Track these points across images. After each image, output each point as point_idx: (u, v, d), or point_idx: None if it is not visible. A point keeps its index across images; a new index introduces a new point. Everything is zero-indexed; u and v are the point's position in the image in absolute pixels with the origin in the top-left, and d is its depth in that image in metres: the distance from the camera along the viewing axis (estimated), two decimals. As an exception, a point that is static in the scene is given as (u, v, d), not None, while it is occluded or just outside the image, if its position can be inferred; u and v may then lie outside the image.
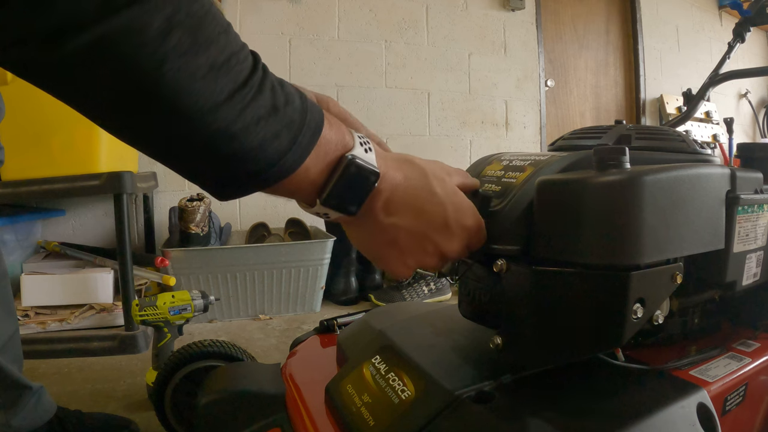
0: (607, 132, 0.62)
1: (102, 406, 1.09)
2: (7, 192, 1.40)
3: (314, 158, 0.38)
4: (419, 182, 0.44)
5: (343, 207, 0.41)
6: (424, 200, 0.44)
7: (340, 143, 0.40)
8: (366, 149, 0.41)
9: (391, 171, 0.43)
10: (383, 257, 0.47)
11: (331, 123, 0.40)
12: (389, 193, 0.43)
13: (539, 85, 2.74)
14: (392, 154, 0.45)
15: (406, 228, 0.44)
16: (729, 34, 1.26)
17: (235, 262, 1.68)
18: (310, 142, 0.37)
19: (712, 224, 0.53)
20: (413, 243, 0.45)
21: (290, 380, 0.69)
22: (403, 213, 0.44)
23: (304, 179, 0.38)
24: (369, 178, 0.41)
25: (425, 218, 0.45)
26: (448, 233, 0.46)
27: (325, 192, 0.40)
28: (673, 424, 0.46)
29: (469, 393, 0.49)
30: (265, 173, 0.36)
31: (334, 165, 0.39)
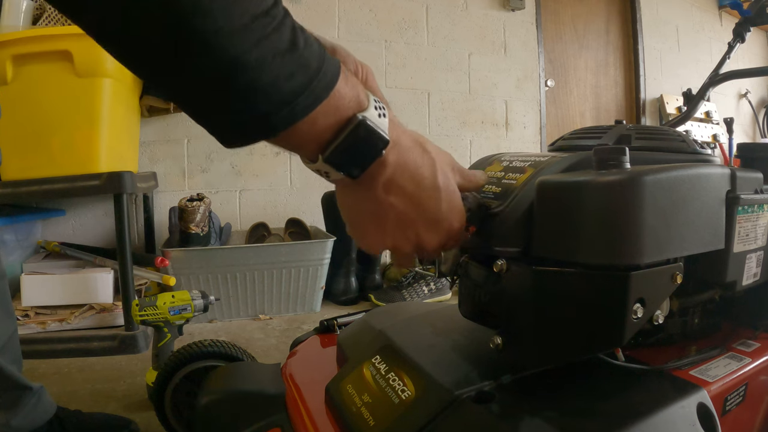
0: (607, 132, 0.62)
1: (102, 406, 1.09)
2: (7, 192, 1.40)
3: (325, 110, 0.36)
4: (426, 171, 0.44)
5: (345, 168, 0.40)
6: (424, 191, 0.44)
7: (354, 101, 0.38)
8: (380, 114, 0.39)
9: (402, 145, 0.42)
10: (363, 229, 0.46)
11: (347, 78, 0.38)
12: (393, 170, 0.42)
13: (539, 85, 2.74)
14: (407, 131, 0.44)
15: (398, 210, 0.43)
16: (729, 34, 1.26)
17: (235, 262, 1.68)
18: (324, 90, 0.36)
19: (713, 224, 0.53)
20: (398, 226, 0.44)
21: (290, 380, 0.69)
22: (401, 195, 0.43)
23: (311, 131, 0.37)
24: (377, 144, 0.39)
25: (419, 208, 0.44)
26: (434, 229, 0.46)
27: (330, 149, 0.38)
28: (674, 424, 0.46)
29: (469, 393, 0.49)
30: (274, 115, 0.34)
31: (344, 122, 0.38)
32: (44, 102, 1.41)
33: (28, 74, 1.39)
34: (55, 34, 1.39)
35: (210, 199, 1.76)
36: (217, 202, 2.08)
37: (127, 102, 1.63)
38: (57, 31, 1.40)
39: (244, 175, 2.15)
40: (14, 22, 1.49)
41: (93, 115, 1.42)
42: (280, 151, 2.18)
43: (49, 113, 1.41)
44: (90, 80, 1.41)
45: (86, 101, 1.41)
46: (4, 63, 1.37)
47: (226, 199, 2.12)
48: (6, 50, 1.37)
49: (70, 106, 1.41)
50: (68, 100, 1.40)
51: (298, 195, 2.23)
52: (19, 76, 1.39)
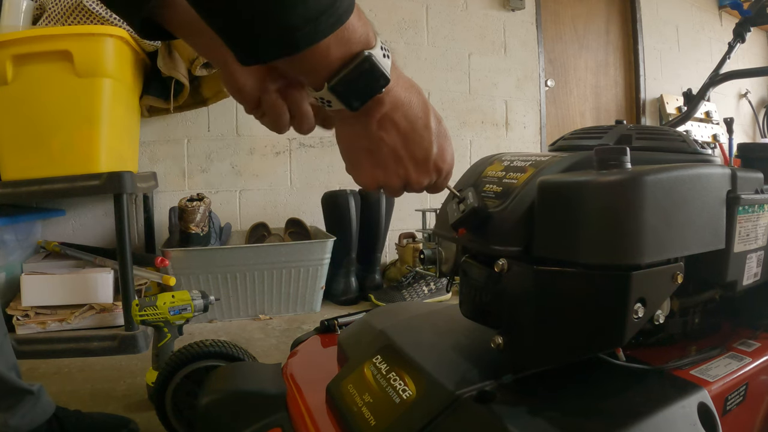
0: (607, 132, 0.62)
1: (102, 406, 1.09)
2: (7, 192, 1.40)
3: (337, 41, 0.38)
4: (420, 112, 0.46)
5: (346, 99, 0.42)
6: (417, 130, 0.46)
7: (364, 37, 0.40)
8: (384, 54, 0.42)
9: (400, 87, 0.45)
10: (357, 162, 0.49)
11: (360, 15, 0.40)
12: (389, 108, 0.45)
13: (539, 85, 2.74)
14: (404, 75, 0.46)
15: (390, 146, 0.46)
16: (729, 34, 1.26)
17: (235, 262, 1.67)
18: (344, 14, 0.38)
19: (713, 224, 0.53)
20: (389, 161, 0.47)
21: (291, 380, 0.69)
22: (394, 132, 0.46)
23: (323, 57, 0.39)
24: (379, 81, 0.42)
25: (410, 146, 0.47)
26: (423, 167, 0.48)
27: (336, 79, 0.40)
28: (674, 423, 0.46)
29: (470, 393, 0.49)
30: (299, 31, 0.36)
31: (353, 55, 0.40)
32: (44, 102, 1.40)
33: (28, 74, 1.39)
34: (55, 34, 1.39)
35: (210, 199, 1.76)
36: (217, 202, 2.08)
37: (127, 102, 1.63)
38: (57, 31, 1.40)
39: (244, 175, 2.15)
40: (14, 22, 1.49)
41: (93, 115, 1.42)
42: (280, 150, 2.18)
43: (49, 113, 1.41)
44: (90, 80, 1.41)
45: (86, 101, 1.41)
46: (4, 63, 1.36)
47: (226, 199, 2.12)
48: (6, 50, 1.37)
49: (70, 106, 1.41)
50: (68, 100, 1.40)
51: (298, 195, 2.23)
52: (19, 76, 1.39)
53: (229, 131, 2.11)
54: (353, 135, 0.47)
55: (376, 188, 0.49)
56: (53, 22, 1.50)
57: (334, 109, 0.43)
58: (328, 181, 2.25)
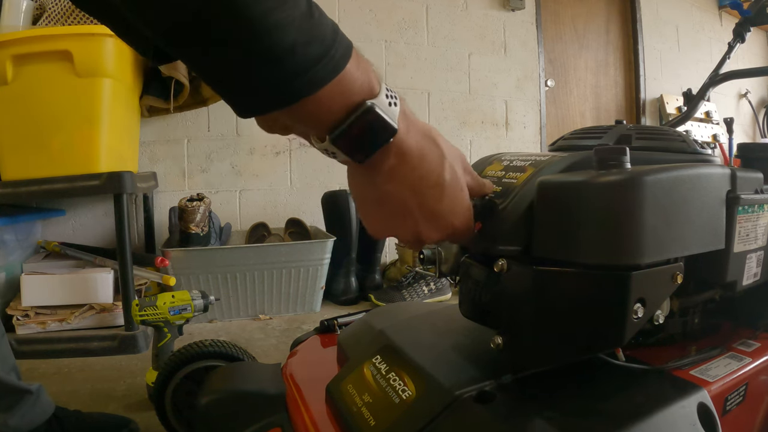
0: (607, 132, 0.62)
1: (102, 406, 1.09)
2: (7, 192, 1.40)
3: (334, 92, 0.37)
4: (432, 165, 0.43)
5: (350, 152, 0.40)
6: (427, 185, 0.44)
7: (366, 85, 0.39)
8: (391, 103, 0.40)
9: (411, 137, 0.42)
10: (366, 211, 0.46)
11: (359, 61, 0.39)
12: (397, 161, 0.42)
13: (539, 85, 2.74)
14: (420, 124, 0.44)
15: (398, 200, 0.44)
16: (729, 34, 1.26)
17: (235, 262, 1.67)
18: (339, 61, 0.36)
19: (713, 224, 0.53)
20: (397, 214, 0.45)
21: (291, 380, 0.69)
22: (402, 185, 0.43)
23: (322, 109, 0.37)
24: (384, 133, 0.40)
25: (419, 200, 0.44)
26: (434, 224, 0.45)
27: (337, 131, 0.39)
28: (674, 423, 0.46)
29: (470, 393, 0.49)
30: (289, 84, 0.35)
31: (353, 107, 0.38)
32: (44, 102, 1.41)
33: (28, 74, 1.39)
34: (55, 34, 1.39)
35: (210, 199, 1.76)
36: (217, 202, 2.08)
37: (127, 102, 1.63)
38: (57, 31, 1.40)
39: (244, 175, 2.15)
40: (14, 22, 1.49)
41: (93, 115, 1.42)
42: (280, 150, 2.18)
43: (49, 113, 1.41)
44: (90, 80, 1.41)
45: (86, 101, 1.41)
46: (4, 63, 1.36)
47: (226, 199, 2.12)
48: (6, 50, 1.37)
49: (70, 106, 1.41)
50: (68, 100, 1.40)
51: (298, 195, 2.23)
52: (19, 76, 1.39)
53: (229, 131, 2.11)
54: (363, 184, 0.45)
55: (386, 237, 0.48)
56: (53, 22, 1.50)
57: (341, 159, 0.41)
58: (328, 181, 2.25)
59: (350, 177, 0.46)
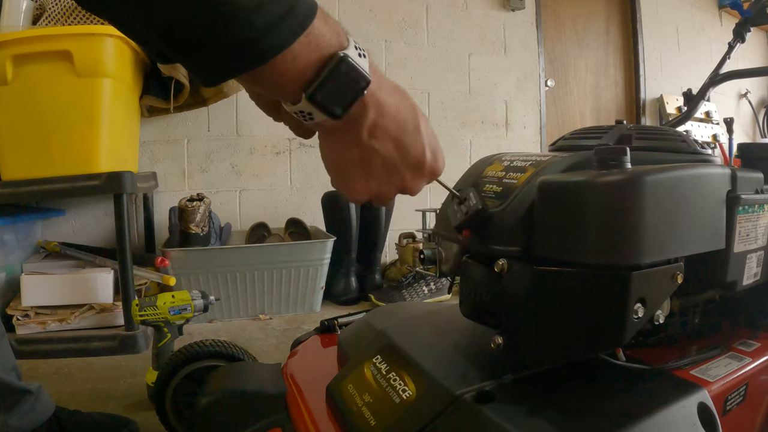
0: (607, 132, 0.62)
1: (102, 406, 1.09)
2: (7, 192, 1.40)
3: (305, 46, 0.36)
4: (408, 116, 0.44)
5: (328, 107, 0.39)
6: (408, 135, 0.44)
7: (334, 40, 0.38)
8: (360, 54, 0.40)
9: (384, 91, 0.42)
10: (348, 175, 0.46)
11: (327, 18, 0.38)
12: (376, 114, 0.42)
13: (539, 85, 2.74)
14: (386, 79, 0.44)
15: (383, 155, 0.44)
16: (729, 34, 1.26)
17: (235, 262, 1.67)
18: (305, 19, 0.36)
19: (713, 224, 0.53)
20: (382, 170, 0.45)
21: (291, 380, 0.69)
22: (386, 140, 0.43)
23: (292, 67, 0.37)
24: (359, 82, 0.39)
25: (403, 152, 0.45)
26: (418, 172, 0.46)
27: (312, 86, 0.38)
28: (674, 423, 0.46)
29: (470, 393, 0.49)
30: (257, 43, 0.34)
31: (325, 60, 0.38)
32: (44, 102, 1.40)
33: (28, 74, 1.39)
34: (55, 34, 1.39)
35: (210, 199, 1.76)
36: (217, 202, 2.08)
37: (127, 102, 1.63)
38: (57, 31, 1.40)
39: (244, 175, 2.15)
40: (14, 22, 1.49)
41: (93, 115, 1.42)
42: (280, 150, 2.18)
43: (49, 113, 1.41)
44: (90, 80, 1.41)
45: (86, 101, 1.41)
46: (4, 63, 1.36)
47: (226, 199, 2.12)
48: (6, 50, 1.36)
49: (70, 106, 1.41)
50: (68, 100, 1.40)
51: (298, 195, 2.23)
52: (19, 76, 1.39)
53: (229, 131, 2.11)
54: (342, 148, 0.44)
55: (369, 200, 0.47)
56: (53, 22, 1.50)
57: (317, 122, 0.41)
58: (328, 181, 2.23)
59: (324, 142, 0.46)
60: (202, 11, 0.33)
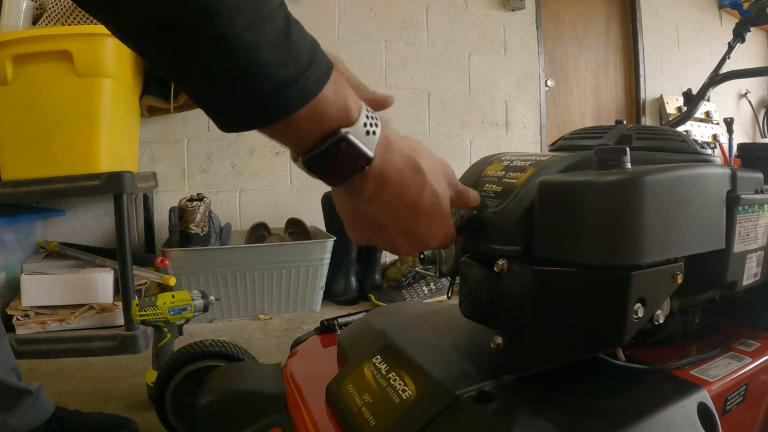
0: (607, 132, 0.62)
1: (102, 406, 1.09)
2: (7, 192, 1.40)
3: (310, 113, 0.36)
4: (413, 191, 0.43)
5: (323, 176, 0.39)
6: (407, 210, 0.43)
7: (341, 111, 0.37)
8: (369, 131, 0.39)
9: (390, 164, 0.41)
10: (346, 222, 0.48)
11: (338, 85, 0.37)
12: (375, 186, 0.41)
13: (539, 85, 2.74)
14: (402, 144, 0.42)
15: (377, 220, 0.44)
16: (729, 34, 1.26)
17: (235, 262, 1.67)
18: (314, 87, 0.35)
19: (713, 224, 0.53)
20: (375, 231, 0.46)
21: (291, 380, 0.69)
22: (383, 209, 0.43)
23: (294, 131, 0.36)
24: (358, 161, 0.39)
25: (399, 222, 0.44)
26: (411, 242, 0.46)
27: (309, 154, 0.38)
28: (674, 423, 0.46)
29: (470, 393, 0.49)
30: (264, 104, 0.34)
31: (326, 134, 0.37)
32: (44, 102, 1.40)
33: (28, 74, 1.39)
34: (55, 34, 1.39)
35: (210, 199, 1.76)
36: (217, 202, 2.08)
37: (127, 102, 1.63)
38: (57, 31, 1.40)
39: (244, 175, 2.15)
40: (14, 22, 1.49)
41: (93, 115, 1.42)
42: (280, 150, 2.18)
43: (49, 113, 1.41)
44: (90, 80, 1.41)
45: (86, 101, 1.41)
46: (4, 63, 1.36)
47: (226, 199, 2.12)
48: (6, 50, 1.37)
49: (70, 106, 1.41)
50: (68, 100, 1.40)
51: (298, 195, 2.23)
52: (19, 76, 1.39)
53: (229, 131, 2.11)
54: (340, 201, 0.46)
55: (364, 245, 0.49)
56: (53, 22, 1.50)
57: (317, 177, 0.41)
58: (328, 181, 2.25)
59: (332, 190, 0.46)
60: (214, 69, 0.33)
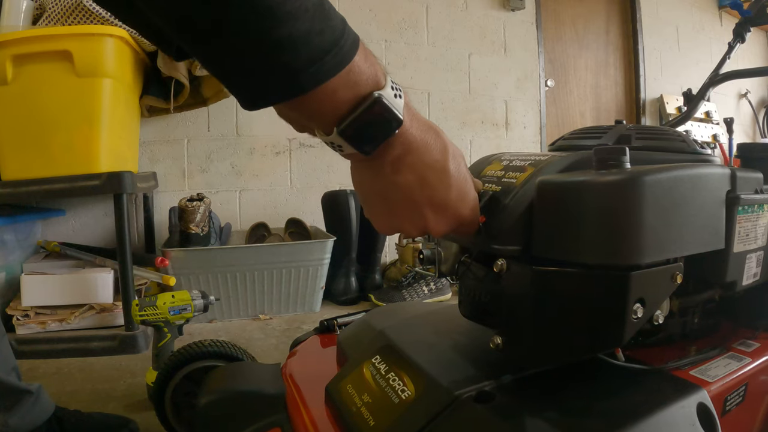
0: (607, 132, 0.62)
1: (102, 406, 1.09)
2: (7, 192, 1.40)
3: (344, 82, 0.37)
4: (437, 155, 0.44)
5: (358, 143, 0.40)
6: (434, 174, 0.44)
7: (372, 78, 0.39)
8: (396, 95, 0.40)
9: (414, 129, 0.42)
10: (373, 208, 0.47)
11: (367, 54, 0.39)
12: (403, 151, 0.42)
13: (539, 85, 2.74)
14: (421, 117, 0.44)
15: (405, 192, 0.44)
16: (729, 35, 1.26)
17: (235, 262, 1.67)
18: (349, 51, 0.36)
19: (713, 224, 0.53)
20: (404, 208, 0.45)
21: (290, 380, 0.69)
22: (409, 176, 0.43)
23: (330, 100, 0.37)
24: (391, 123, 0.40)
25: (427, 192, 0.44)
26: (442, 215, 0.45)
27: (345, 122, 0.39)
28: (674, 424, 0.46)
29: (469, 393, 0.49)
30: (303, 72, 0.35)
31: (360, 98, 0.38)
32: (44, 102, 1.40)
33: (28, 74, 1.39)
34: (55, 34, 1.39)
35: (210, 199, 1.76)
36: (217, 202, 2.08)
37: (127, 102, 1.63)
38: (57, 31, 1.40)
39: (244, 175, 2.15)
40: (14, 22, 1.49)
41: (93, 115, 1.42)
42: (280, 150, 2.18)
43: (49, 113, 1.41)
44: (90, 80, 1.41)
45: (86, 101, 1.41)
46: (4, 63, 1.36)
47: (226, 199, 2.12)
48: (6, 50, 1.37)
49: (70, 106, 1.41)
50: (68, 100, 1.40)
51: (298, 195, 2.23)
52: (19, 76, 1.39)
53: (229, 131, 2.11)
54: (369, 178, 0.45)
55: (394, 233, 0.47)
56: (53, 22, 1.50)
57: (346, 153, 0.41)
58: (328, 181, 2.25)
59: (355, 172, 0.46)
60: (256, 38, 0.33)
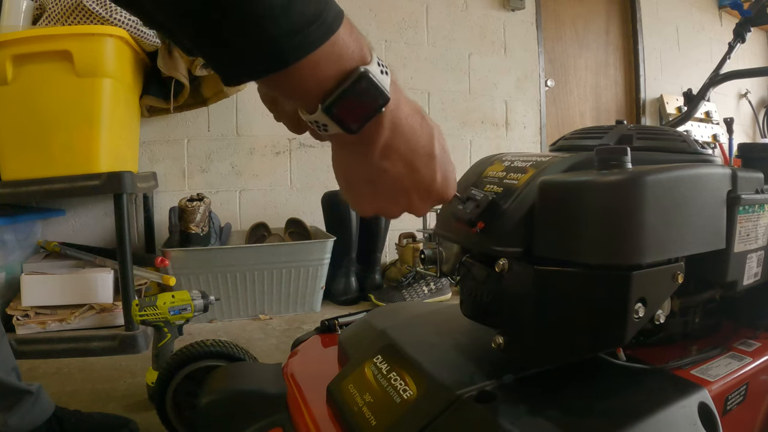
0: (608, 132, 0.62)
1: (102, 406, 1.09)
2: (7, 192, 1.40)
3: (328, 55, 0.35)
4: (424, 140, 0.43)
5: (344, 121, 0.38)
6: (420, 158, 0.43)
7: (357, 53, 0.37)
8: (383, 71, 0.39)
9: (401, 111, 0.41)
10: (356, 191, 0.45)
11: (352, 29, 0.37)
12: (391, 134, 0.41)
13: (539, 85, 2.74)
14: (407, 98, 0.43)
15: (392, 175, 0.43)
16: (729, 35, 1.26)
17: (235, 262, 1.67)
18: (331, 26, 0.35)
19: (713, 224, 0.53)
20: (390, 192, 0.44)
21: (291, 380, 0.69)
22: (397, 161, 0.42)
23: (312, 75, 0.36)
24: (378, 100, 0.39)
25: (414, 176, 0.44)
26: (427, 197, 0.45)
27: (329, 99, 0.37)
28: (675, 423, 0.46)
29: (470, 392, 0.49)
30: (286, 42, 0.33)
31: (346, 73, 0.37)
32: (44, 102, 1.40)
33: (28, 74, 1.39)
34: (55, 34, 1.38)
35: (210, 199, 1.76)
36: (217, 202, 2.08)
37: (127, 102, 1.63)
38: (57, 31, 1.40)
39: (244, 175, 2.15)
40: (14, 22, 1.49)
41: (93, 115, 1.42)
42: (280, 150, 2.18)
43: (49, 113, 1.41)
44: (90, 80, 1.41)
45: (86, 101, 1.41)
46: (4, 63, 1.36)
47: (226, 199, 2.12)
48: (6, 50, 1.36)
49: (70, 106, 1.41)
50: (68, 100, 1.40)
51: (298, 195, 2.23)
52: (19, 76, 1.39)
53: (229, 131, 2.11)
54: (353, 162, 0.43)
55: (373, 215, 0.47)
56: (53, 22, 1.50)
57: (331, 134, 0.40)
58: (328, 181, 2.25)
59: (337, 156, 0.45)
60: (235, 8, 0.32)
